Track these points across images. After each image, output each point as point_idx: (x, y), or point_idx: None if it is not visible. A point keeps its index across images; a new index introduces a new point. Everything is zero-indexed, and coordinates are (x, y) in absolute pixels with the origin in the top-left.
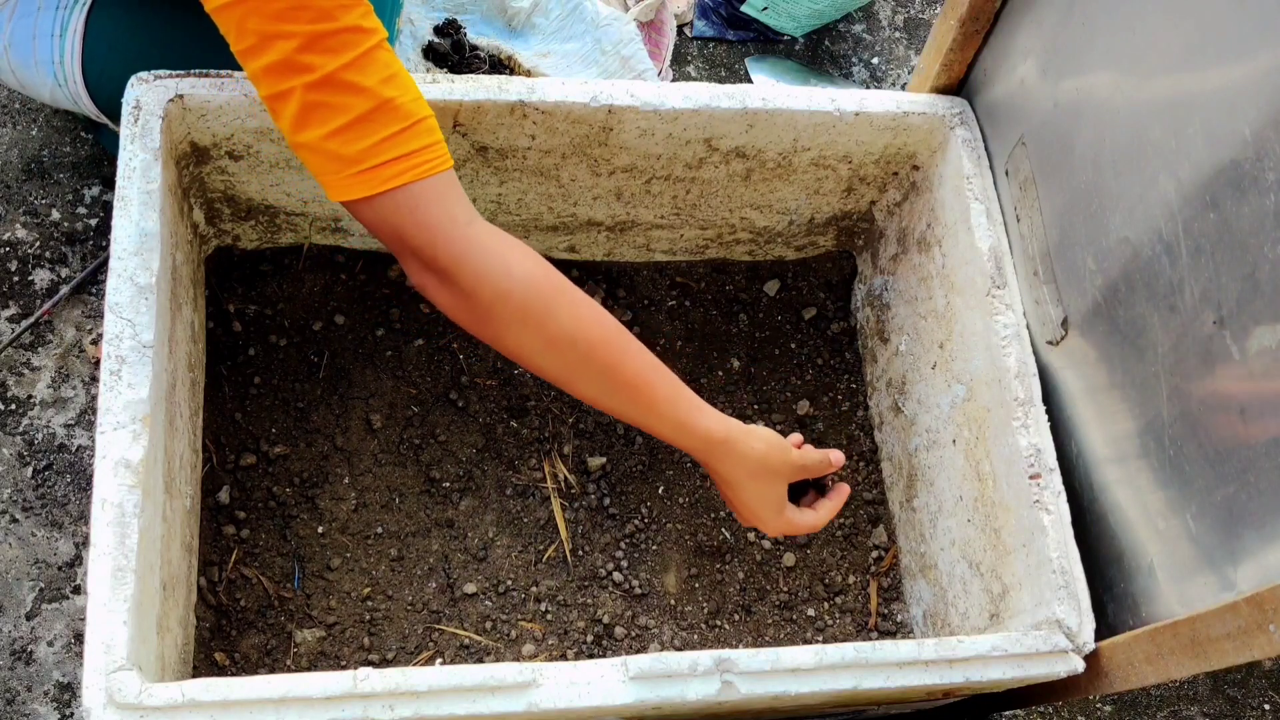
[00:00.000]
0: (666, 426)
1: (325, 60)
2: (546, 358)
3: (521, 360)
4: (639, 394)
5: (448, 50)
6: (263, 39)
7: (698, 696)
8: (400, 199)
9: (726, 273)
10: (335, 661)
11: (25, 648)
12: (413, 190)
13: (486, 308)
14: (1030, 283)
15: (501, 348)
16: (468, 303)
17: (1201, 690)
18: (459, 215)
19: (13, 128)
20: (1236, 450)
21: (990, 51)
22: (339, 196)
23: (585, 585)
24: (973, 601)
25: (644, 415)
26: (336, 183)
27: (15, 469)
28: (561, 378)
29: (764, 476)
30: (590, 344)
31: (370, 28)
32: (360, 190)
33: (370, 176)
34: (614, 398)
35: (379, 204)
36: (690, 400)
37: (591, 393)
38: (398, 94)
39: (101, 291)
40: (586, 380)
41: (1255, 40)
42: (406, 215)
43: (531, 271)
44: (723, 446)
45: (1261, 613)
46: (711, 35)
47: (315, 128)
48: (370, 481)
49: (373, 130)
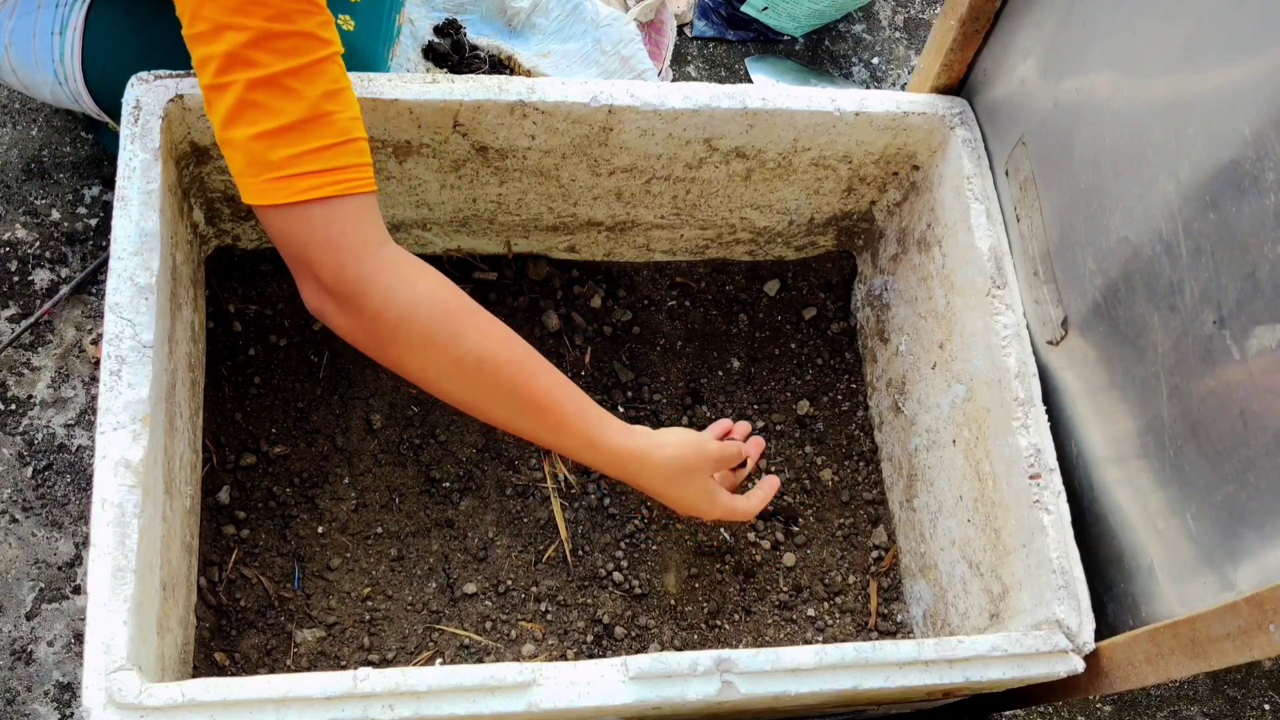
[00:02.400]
0: (577, 444)
1: (272, 60)
2: (452, 380)
3: (426, 385)
4: (548, 413)
5: (448, 50)
6: (215, 27)
7: (698, 696)
8: (314, 212)
9: (726, 273)
10: (335, 661)
11: (25, 648)
12: (329, 205)
13: (391, 329)
14: (1030, 283)
15: (404, 371)
16: (371, 325)
17: (1201, 690)
18: (371, 237)
19: (13, 128)
20: (1236, 450)
21: (990, 51)
22: (252, 199)
23: (585, 585)
24: (973, 601)
25: (554, 435)
26: (253, 185)
27: (15, 469)
28: (468, 401)
29: (683, 478)
30: (497, 364)
31: (326, 39)
32: (274, 196)
33: (287, 184)
34: (523, 418)
35: (290, 214)
36: (600, 416)
37: (500, 414)
38: (337, 109)
39: (101, 291)
40: (494, 402)
41: (1255, 40)
42: (318, 230)
43: (437, 292)
44: (635, 462)
45: (1261, 613)
46: (711, 35)
47: (246, 126)
48: (370, 481)
49: (302, 139)
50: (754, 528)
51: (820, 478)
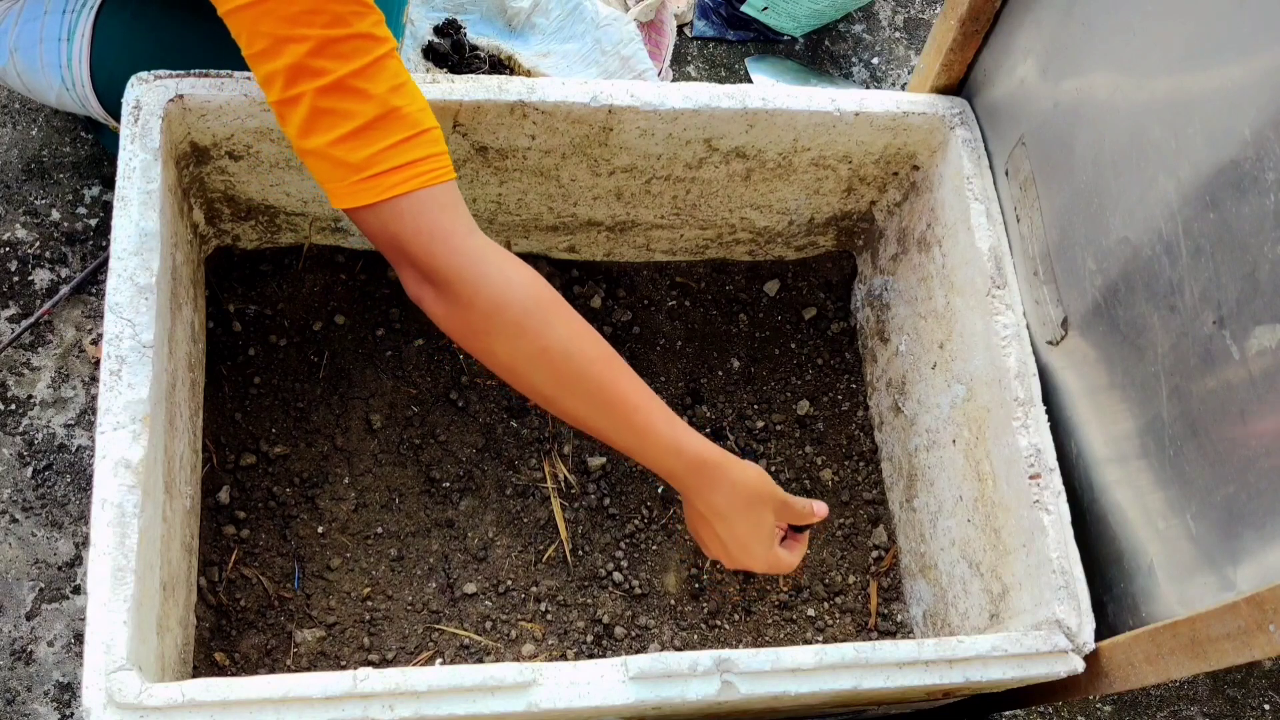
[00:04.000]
0: (657, 448)
1: (336, 65)
2: (539, 371)
3: (514, 374)
4: (633, 413)
5: (448, 50)
6: (275, 42)
7: (698, 696)
8: (403, 207)
9: (726, 273)
10: (335, 661)
11: (25, 648)
12: (416, 198)
13: (484, 317)
14: (1030, 283)
15: (493, 360)
16: (464, 313)
17: (1201, 690)
18: (460, 226)
19: (13, 128)
20: (1236, 450)
21: (990, 51)
22: (343, 204)
23: (585, 585)
24: (973, 601)
25: (634, 436)
26: (341, 189)
27: (15, 469)
28: (552, 393)
29: (754, 505)
30: (585, 358)
31: (382, 36)
32: (364, 197)
33: (374, 184)
34: (604, 415)
35: (381, 211)
36: (684, 425)
37: (581, 410)
38: (405, 103)
39: (101, 291)
40: (577, 395)
41: (1255, 40)
42: (409, 223)
43: (530, 283)
44: (717, 470)
45: (1261, 613)
46: (711, 35)
47: (323, 133)
48: (370, 481)
49: (378, 137)
50: None
51: (820, 478)
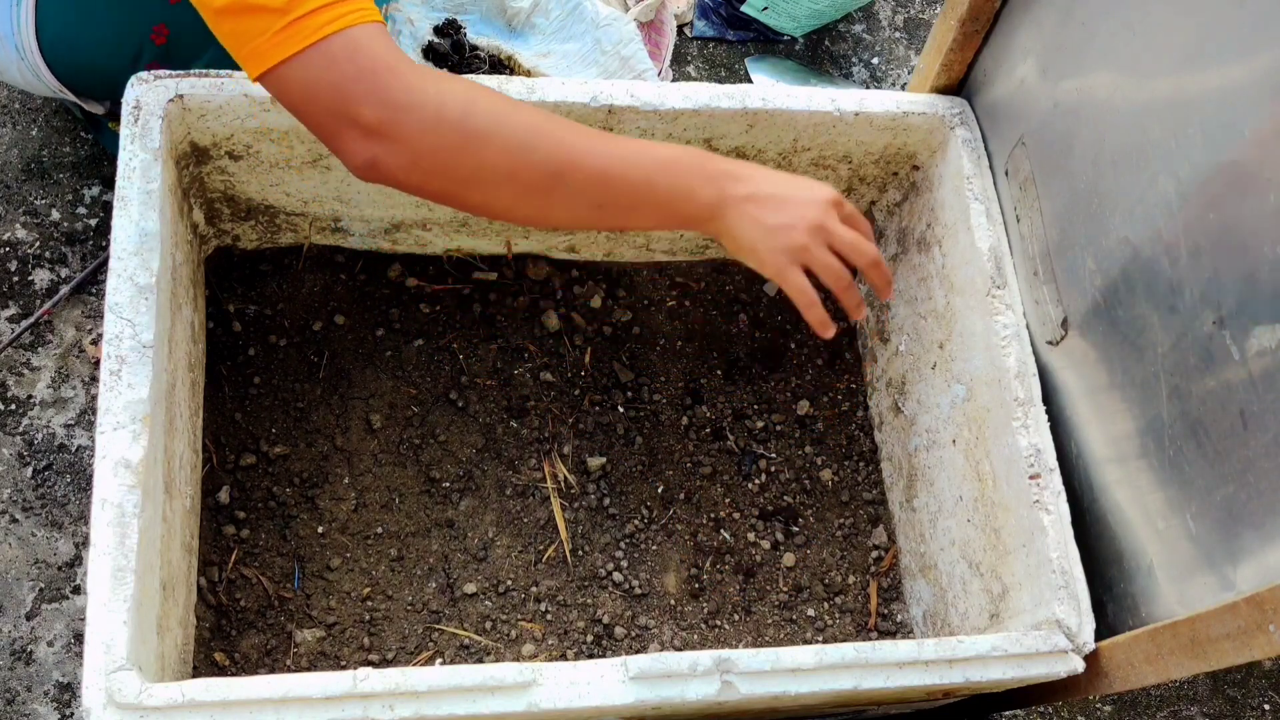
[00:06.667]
0: (678, 183)
1: None
2: (529, 163)
3: (512, 177)
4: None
5: (448, 50)
6: None
7: (698, 696)
8: (336, 48)
9: (726, 273)
10: (335, 661)
11: (25, 648)
12: (350, 36)
13: (456, 127)
14: (1030, 283)
15: (480, 178)
16: (434, 135)
17: (1201, 690)
18: (401, 56)
19: (13, 128)
20: (1236, 450)
21: (990, 51)
22: (268, 61)
23: (585, 585)
24: (973, 601)
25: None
26: (264, 44)
27: (15, 469)
28: (538, 194)
29: (800, 180)
30: (570, 146)
31: None
32: (292, 44)
33: (300, 26)
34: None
35: (310, 61)
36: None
37: (576, 206)
38: None
39: (101, 291)
40: (571, 195)
41: (1255, 40)
42: (348, 65)
43: (475, 82)
44: (746, 167)
45: (1261, 613)
46: (711, 35)
47: None
48: (370, 481)
49: None
50: (754, 528)
51: (820, 478)
